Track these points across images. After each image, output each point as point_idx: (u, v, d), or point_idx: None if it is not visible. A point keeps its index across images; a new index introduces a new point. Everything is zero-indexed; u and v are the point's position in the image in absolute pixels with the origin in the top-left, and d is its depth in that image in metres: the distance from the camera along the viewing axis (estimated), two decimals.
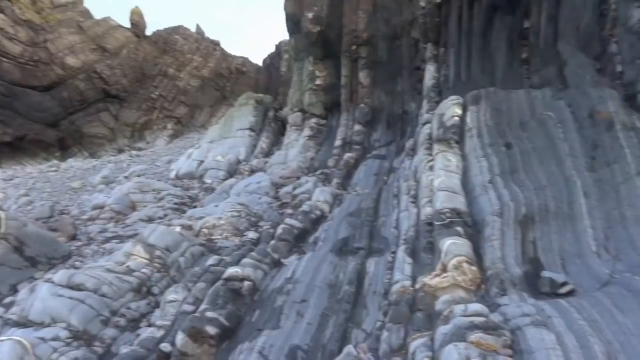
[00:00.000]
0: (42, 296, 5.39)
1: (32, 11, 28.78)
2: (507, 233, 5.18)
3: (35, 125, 26.87)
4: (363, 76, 12.78)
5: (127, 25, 32.00)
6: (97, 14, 31.54)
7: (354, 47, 12.82)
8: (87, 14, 30.76)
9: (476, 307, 4.09)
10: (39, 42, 27.79)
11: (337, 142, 12.15)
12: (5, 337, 4.77)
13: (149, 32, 32.44)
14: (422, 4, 10.68)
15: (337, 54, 13.17)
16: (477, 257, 5.06)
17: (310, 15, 13.04)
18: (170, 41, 31.17)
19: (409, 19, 11.87)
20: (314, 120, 13.41)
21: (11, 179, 19.98)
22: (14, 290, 6.72)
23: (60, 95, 27.05)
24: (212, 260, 6.41)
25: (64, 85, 27.24)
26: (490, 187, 5.99)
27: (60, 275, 5.68)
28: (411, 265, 5.43)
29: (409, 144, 9.73)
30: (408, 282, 5.14)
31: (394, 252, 5.97)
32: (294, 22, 14.10)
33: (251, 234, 7.91)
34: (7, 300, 6.32)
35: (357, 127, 12.33)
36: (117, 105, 27.88)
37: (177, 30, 32.52)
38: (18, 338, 4.65)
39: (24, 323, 5.31)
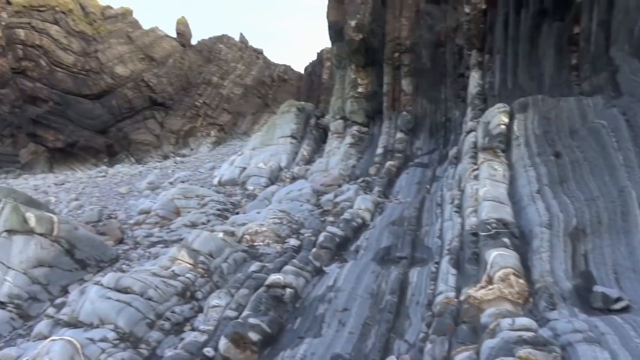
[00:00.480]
0: (91, 298, 5.56)
1: (85, 23, 29.98)
2: (557, 245, 5.01)
3: (86, 132, 27.91)
4: (405, 84, 12.70)
5: (174, 35, 32.93)
6: (146, 25, 32.53)
7: (396, 55, 12.77)
8: (136, 24, 31.81)
9: (524, 321, 3.96)
10: (91, 52, 28.90)
11: (379, 150, 12.09)
12: (57, 336, 4.93)
13: (194, 41, 33.29)
14: (467, 10, 10.54)
15: (380, 62, 13.15)
16: (525, 269, 4.91)
17: (352, 23, 13.07)
18: (215, 50, 31.84)
19: (453, 25, 11.74)
20: (355, 127, 13.40)
21: (63, 184, 20.79)
22: (64, 291, 6.96)
23: (110, 103, 28.00)
24: (254, 266, 6.46)
25: (113, 93, 28.21)
26: (538, 198, 5.82)
27: (108, 278, 5.85)
28: (455, 276, 5.32)
29: (452, 152, 9.59)
30: (452, 294, 5.03)
31: (437, 263, 5.87)
32: (336, 31, 14.17)
33: (293, 241, 7.93)
34: (58, 301, 6.55)
35: (399, 135, 12.24)
36: (162, 112, 28.64)
37: (222, 39, 33.19)
38: (69, 338, 4.80)
39: (74, 324, 5.48)
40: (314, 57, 32.21)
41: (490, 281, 4.79)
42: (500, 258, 4.90)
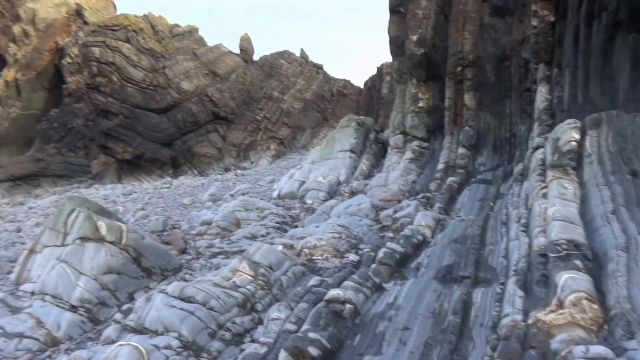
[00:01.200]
0: (156, 305, 5.73)
1: (154, 40, 31.41)
2: (635, 270, 4.72)
3: (152, 144, 29.10)
4: (468, 98, 12.45)
5: (237, 51, 33.89)
6: (211, 41, 33.71)
7: (459, 69, 12.55)
8: (201, 41, 33.01)
9: (599, 349, 3.73)
10: (159, 68, 30.21)
11: (440, 166, 11.87)
12: (125, 342, 5.10)
13: (256, 57, 34.11)
14: (534, 23, 10.23)
15: (442, 76, 12.97)
16: (599, 294, 4.64)
17: (414, 37, 12.99)
18: (276, 65, 32.49)
19: (519, 38, 11.42)
20: (416, 142, 13.23)
21: (130, 194, 21.72)
22: (131, 298, 7.22)
23: (175, 117, 29.09)
24: (313, 280, 6.46)
25: (179, 107, 29.31)
26: (613, 219, 5.51)
27: (173, 287, 6.01)
28: (522, 299, 5.10)
29: (517, 169, 9.27)
30: (519, 317, 4.82)
31: (503, 283, 5.66)
32: (397, 45, 14.12)
33: (352, 256, 7.88)
34: (125, 307, 6.80)
35: (461, 151, 11.98)
36: (225, 126, 29.44)
37: (283, 55, 33.85)
38: (135, 344, 4.96)
39: (140, 330, 5.66)
40: (374, 72, 32.27)
41: (560, 305, 4.56)
42: (571, 281, 4.66)
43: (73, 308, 6.69)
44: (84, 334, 6.47)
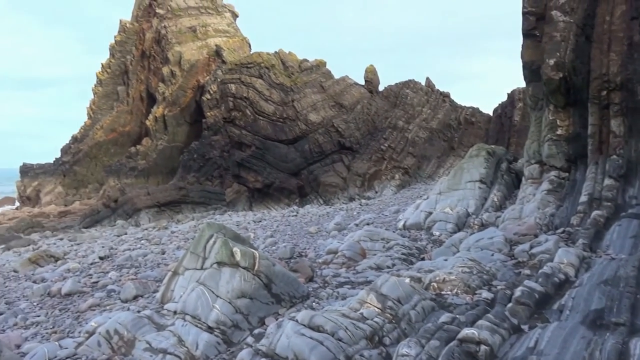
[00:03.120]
0: (287, 332, 5.82)
1: (284, 75, 33.14)
2: None
3: (281, 174, 30.41)
4: (616, 124, 11.34)
5: (362, 82, 34.53)
6: (337, 74, 34.77)
7: (604, 93, 11.52)
8: (328, 74, 34.17)
9: None
10: (288, 101, 31.74)
11: (583, 198, 10.88)
12: None
13: (381, 87, 34.47)
14: None
15: (583, 101, 11.99)
16: None
17: (551, 61, 12.22)
18: (401, 95, 32.52)
19: None
20: (553, 173, 12.31)
21: (260, 221, 22.76)
22: (262, 322, 7.44)
23: (303, 148, 30.20)
24: (444, 317, 6.17)
25: (306, 138, 30.40)
26: None
27: (302, 315, 6.08)
28: None
29: None
30: None
31: None
32: (531, 70, 13.38)
33: (485, 293, 7.43)
34: (256, 331, 7.03)
35: (607, 182, 10.89)
36: (350, 156, 29.91)
37: (408, 84, 33.84)
38: None
39: (271, 355, 5.79)
40: (504, 98, 30.95)
41: None
42: None
43: (210, 329, 7.04)
44: (219, 354, 6.76)
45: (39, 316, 9.64)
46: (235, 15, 57.71)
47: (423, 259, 10.63)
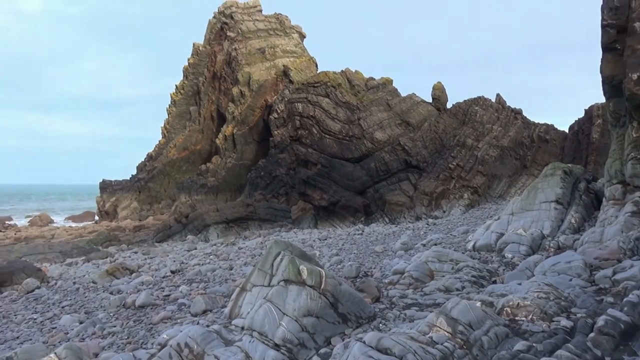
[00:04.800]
0: (354, 354, 5.72)
1: (350, 94, 33.30)
2: None
3: (347, 192, 30.38)
4: None
5: (429, 100, 34.10)
6: (404, 92, 34.56)
7: None
8: (394, 92, 34.01)
9: None
10: (354, 120, 31.80)
11: None
12: None
13: (449, 104, 33.88)
14: None
15: None
16: None
17: (634, 76, 11.54)
18: (470, 112, 31.81)
19: None
20: (638, 194, 11.53)
21: (325, 239, 22.77)
22: (327, 342, 7.37)
23: (369, 166, 30.07)
24: (520, 345, 5.86)
25: (372, 157, 30.26)
26: None
27: (370, 336, 5.97)
28: None
29: None
30: None
31: None
32: (612, 85, 12.69)
33: (563, 321, 7.00)
34: (322, 351, 6.96)
35: None
36: (416, 174, 29.47)
37: (477, 101, 33.08)
38: None
39: None
40: (580, 115, 29.56)
41: None
42: None
43: (276, 346, 7.05)
44: None
45: (115, 326, 10.06)
46: (302, 36, 58.93)
47: (495, 282, 10.21)
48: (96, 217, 66.07)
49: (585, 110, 29.56)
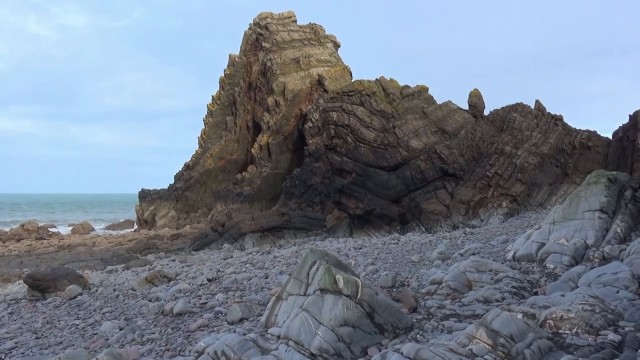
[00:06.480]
0: None
1: (385, 102, 33.13)
2: None
3: (382, 201, 30.13)
4: None
5: (466, 107, 33.61)
6: (440, 99, 34.16)
7: None
8: (430, 100, 33.66)
9: None
10: (389, 128, 31.58)
11: None
12: None
13: (486, 111, 33.29)
14: None
15: None
16: None
17: None
18: (508, 119, 31.17)
19: None
20: None
21: (360, 248, 22.62)
22: (364, 352, 7.27)
23: (404, 175, 29.76)
24: (564, 359, 5.64)
25: (408, 165, 29.95)
26: None
27: (408, 347, 5.86)
28: None
29: None
30: None
31: None
32: None
33: (611, 335, 6.71)
34: None
35: None
36: (453, 183, 29.00)
37: (516, 108, 32.41)
38: None
39: None
40: (625, 120, 28.57)
41: None
42: None
43: (312, 356, 7.00)
44: None
45: (153, 333, 10.21)
46: (337, 45, 59.14)
47: (536, 293, 9.91)
48: (135, 226, 67.62)
49: (629, 115, 28.58)
